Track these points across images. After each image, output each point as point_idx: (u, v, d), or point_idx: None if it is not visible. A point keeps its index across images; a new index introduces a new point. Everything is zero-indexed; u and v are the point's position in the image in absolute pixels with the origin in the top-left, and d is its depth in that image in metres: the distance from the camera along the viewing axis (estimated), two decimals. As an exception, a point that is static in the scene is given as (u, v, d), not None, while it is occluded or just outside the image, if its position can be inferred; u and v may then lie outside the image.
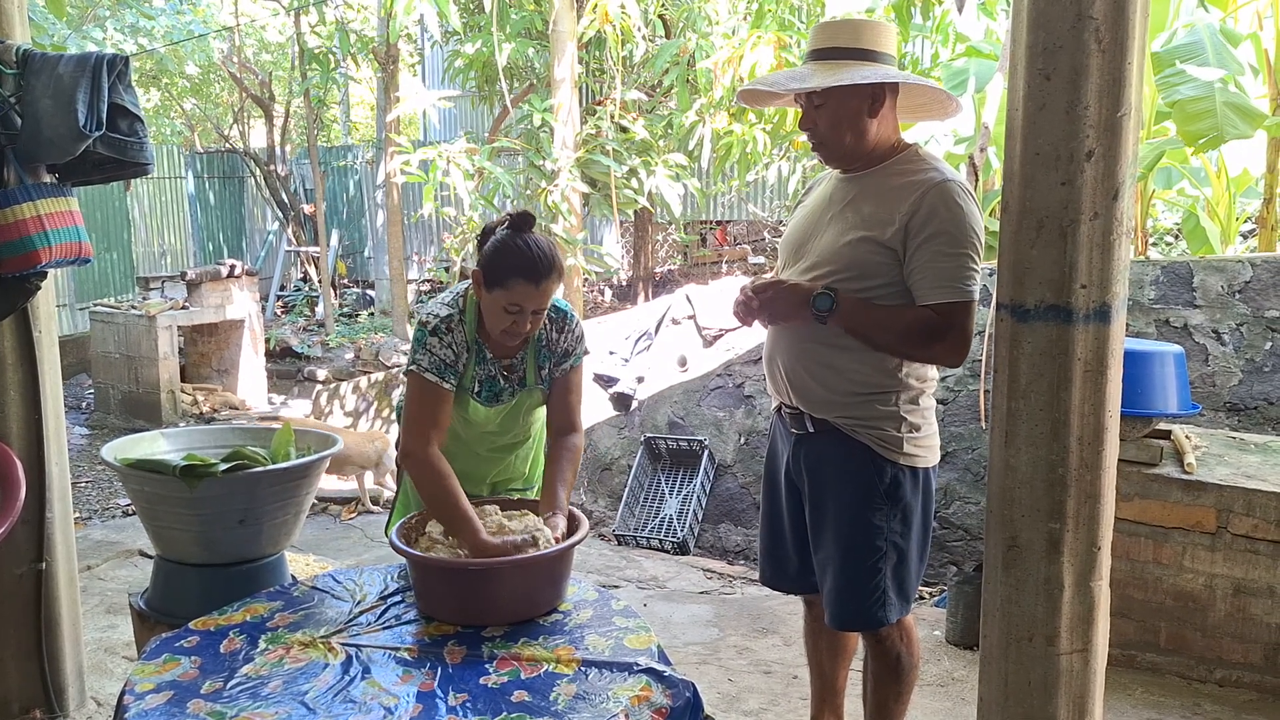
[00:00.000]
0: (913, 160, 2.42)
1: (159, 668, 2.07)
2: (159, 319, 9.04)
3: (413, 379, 2.43)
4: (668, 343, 6.57)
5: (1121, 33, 1.67)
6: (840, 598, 2.51)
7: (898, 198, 2.35)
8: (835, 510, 2.49)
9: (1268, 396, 4.56)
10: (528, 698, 1.94)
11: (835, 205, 2.48)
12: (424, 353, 2.41)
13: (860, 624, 2.54)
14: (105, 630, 3.97)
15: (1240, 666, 3.40)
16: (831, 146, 2.44)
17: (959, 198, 2.31)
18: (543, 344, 2.54)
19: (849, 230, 2.41)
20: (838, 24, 2.52)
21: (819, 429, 2.49)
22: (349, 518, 6.27)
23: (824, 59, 2.39)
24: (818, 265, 2.45)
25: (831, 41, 2.40)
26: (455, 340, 2.44)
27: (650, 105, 9.14)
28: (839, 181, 2.52)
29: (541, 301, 2.36)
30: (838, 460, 2.48)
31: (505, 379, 2.53)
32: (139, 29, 11.95)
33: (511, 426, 2.61)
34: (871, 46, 2.38)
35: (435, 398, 2.41)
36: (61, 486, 3.10)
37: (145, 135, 2.80)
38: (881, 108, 2.39)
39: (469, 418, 2.54)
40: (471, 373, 2.49)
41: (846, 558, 2.48)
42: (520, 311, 2.35)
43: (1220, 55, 5.24)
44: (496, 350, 2.51)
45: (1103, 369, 1.76)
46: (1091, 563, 1.82)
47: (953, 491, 4.99)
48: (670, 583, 4.74)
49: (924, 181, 2.34)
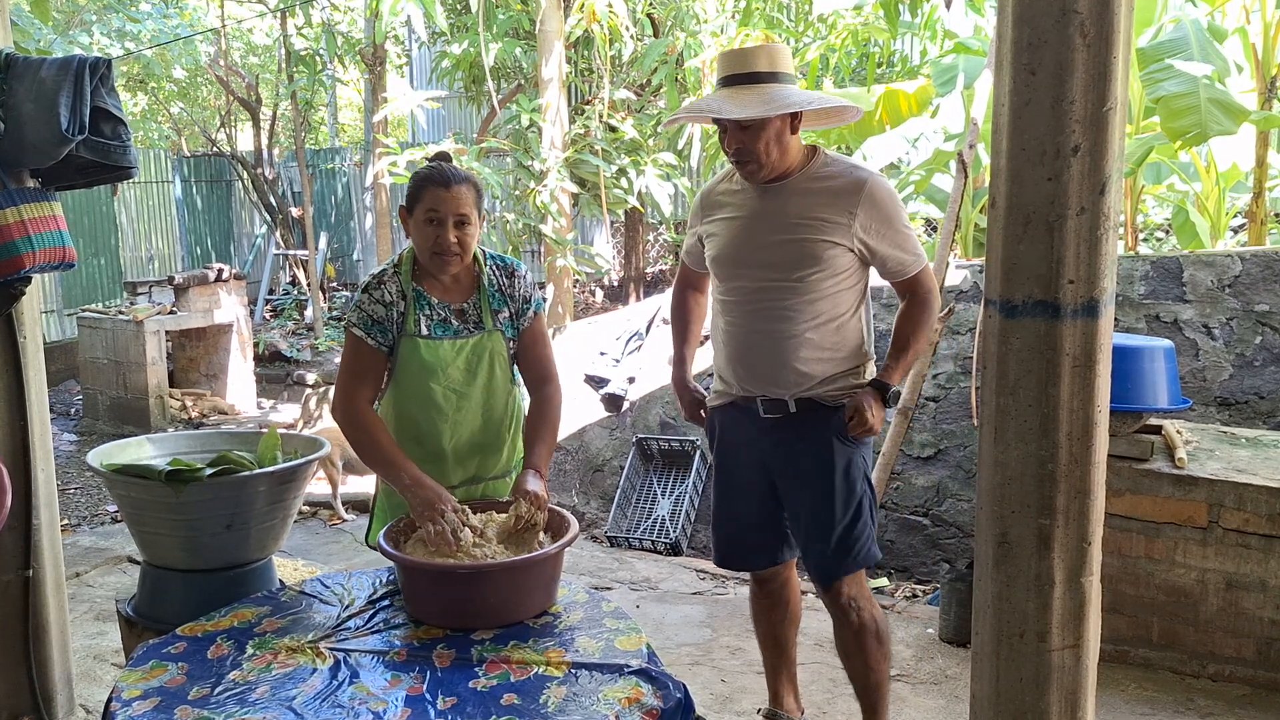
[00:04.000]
0: (831, 163, 2.70)
1: (146, 674, 2.06)
2: (146, 324, 8.99)
3: (346, 336, 2.56)
4: (659, 343, 6.55)
5: (1106, 27, 1.66)
6: (838, 549, 2.74)
7: (842, 199, 2.63)
8: (822, 472, 2.73)
9: (1258, 390, 4.57)
10: (517, 701, 1.93)
11: (769, 216, 2.70)
12: (355, 309, 2.53)
13: (855, 566, 2.76)
14: (94, 637, 3.95)
15: (1233, 661, 3.41)
16: (760, 164, 2.64)
17: (888, 186, 2.68)
18: (495, 289, 2.60)
19: (799, 236, 2.65)
20: (752, 51, 2.71)
21: (800, 408, 2.73)
22: (337, 522, 6.23)
23: (742, 84, 2.62)
24: (777, 272, 2.67)
25: (749, 67, 2.63)
26: (387, 291, 2.52)
27: (639, 104, 9.13)
28: (761, 194, 2.73)
29: (456, 207, 2.45)
30: (819, 428, 2.73)
31: (459, 321, 2.57)
32: (125, 33, 11.90)
33: (477, 373, 2.58)
34: (783, 69, 2.65)
35: (359, 352, 2.52)
36: (48, 493, 3.08)
37: (128, 138, 2.78)
38: (799, 123, 2.65)
39: (425, 361, 2.52)
40: (413, 317, 2.52)
41: (842, 509, 2.73)
42: (440, 222, 2.44)
43: (1205, 51, 5.25)
44: (444, 295, 2.56)
45: (1091, 364, 1.76)
46: (1082, 558, 1.81)
47: (945, 488, 4.99)
48: (663, 584, 4.72)
49: (860, 182, 2.63)
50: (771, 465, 2.82)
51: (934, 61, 6.96)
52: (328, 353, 11.35)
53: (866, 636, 2.80)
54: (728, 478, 2.96)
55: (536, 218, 8.01)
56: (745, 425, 2.83)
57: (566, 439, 6.35)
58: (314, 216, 13.43)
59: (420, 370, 2.53)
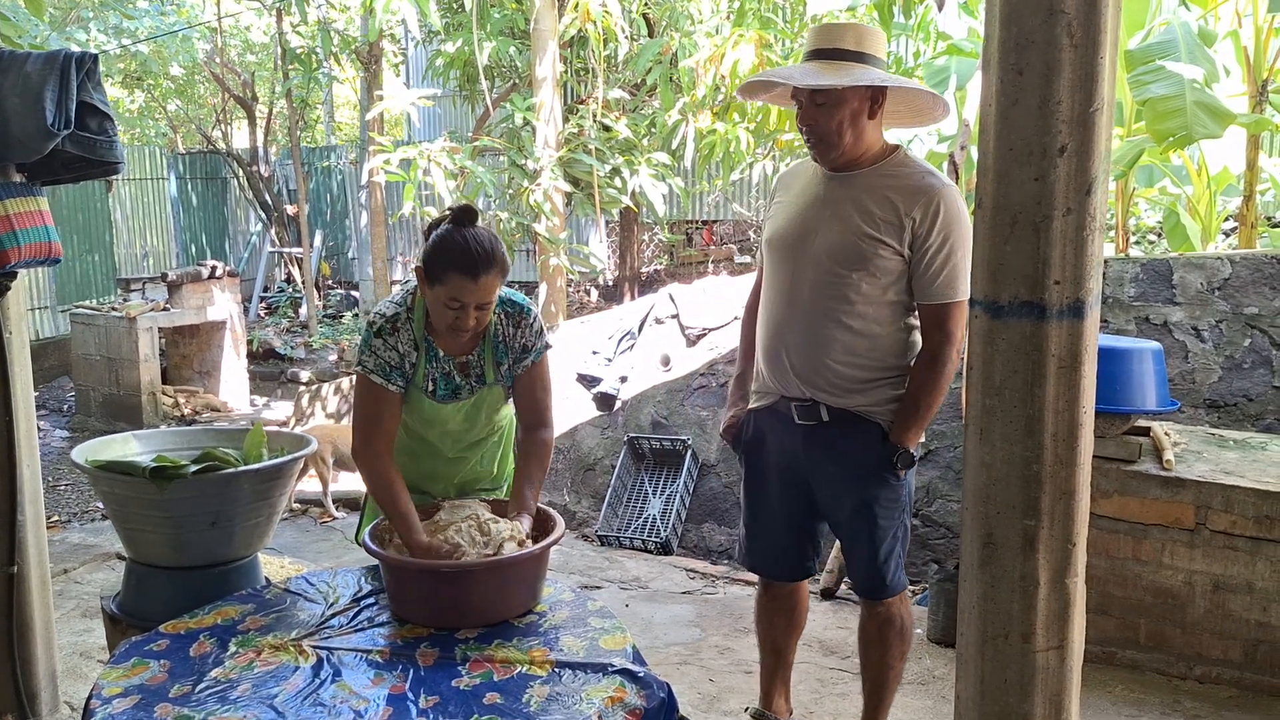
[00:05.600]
0: (906, 163, 2.57)
1: (127, 671, 2.05)
2: (139, 321, 8.96)
3: (359, 380, 2.45)
4: (651, 342, 6.54)
5: (1094, 27, 1.66)
6: (880, 569, 2.71)
7: (901, 200, 2.50)
8: (858, 490, 2.66)
9: (1246, 393, 4.57)
10: (500, 700, 1.92)
11: (831, 204, 2.58)
12: (369, 354, 2.42)
13: (894, 589, 2.74)
14: (81, 634, 3.94)
15: (1219, 663, 3.41)
16: (831, 144, 2.53)
17: (960, 203, 2.52)
18: (499, 340, 2.50)
19: (854, 229, 2.54)
20: (841, 27, 2.60)
21: (834, 417, 2.63)
22: (328, 520, 6.22)
23: (826, 59, 2.51)
24: (823, 263, 2.57)
25: (835, 43, 2.53)
26: (401, 340, 2.42)
27: (633, 104, 9.12)
28: (828, 180, 2.61)
29: (482, 296, 2.32)
30: (854, 443, 2.64)
31: (462, 376, 2.50)
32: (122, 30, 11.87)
33: (475, 423, 2.58)
34: (871, 51, 2.53)
35: (378, 399, 2.43)
36: (33, 489, 3.07)
37: (115, 134, 2.76)
38: (880, 110, 2.52)
39: (428, 417, 2.52)
40: (423, 371, 2.46)
41: (878, 532, 2.68)
42: (461, 307, 2.31)
43: (1194, 54, 5.25)
44: (449, 348, 2.47)
45: (1077, 365, 1.75)
46: (1067, 559, 1.81)
47: (935, 489, 4.99)
48: (653, 583, 4.72)
49: (927, 187, 2.50)
50: (809, 476, 2.73)
51: (927, 63, 6.95)
52: (322, 350, 11.33)
53: (890, 630, 2.78)
54: (759, 482, 2.86)
55: (530, 216, 7.99)
56: (781, 430, 2.74)
57: (558, 438, 6.33)
58: (309, 214, 13.41)
59: (422, 422, 2.55)
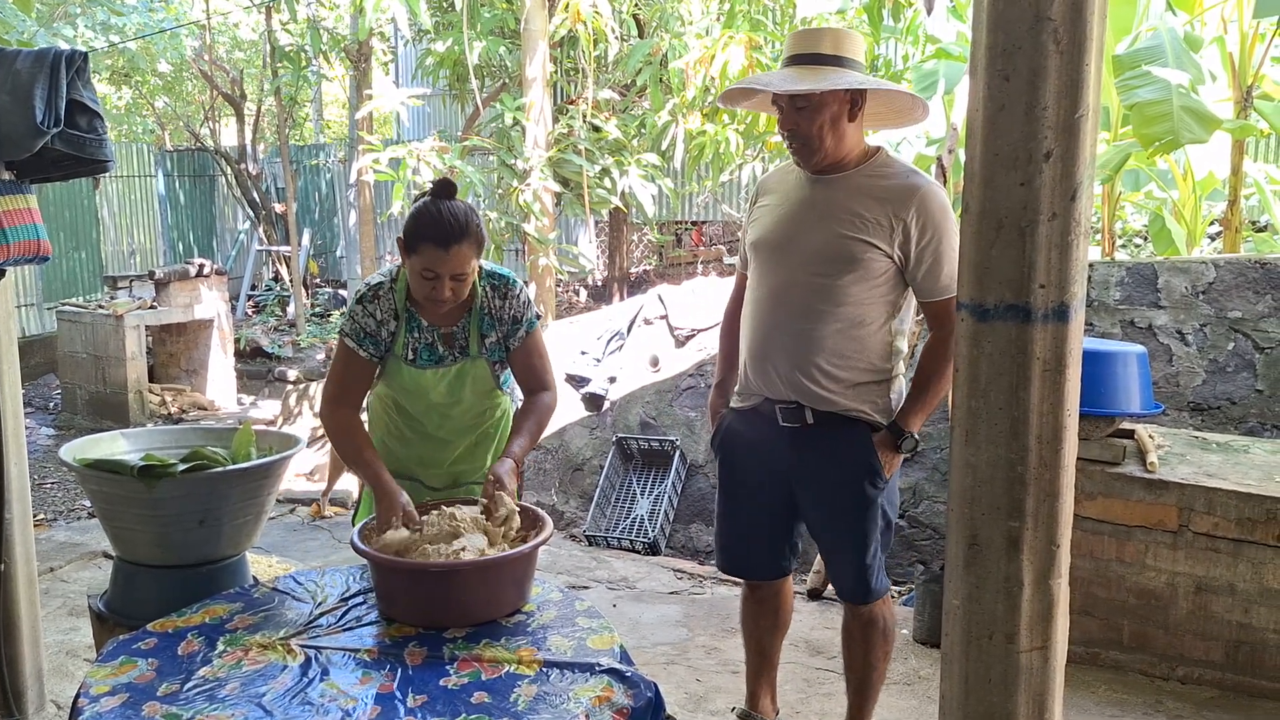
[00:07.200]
0: (889, 164, 2.60)
1: (115, 670, 2.05)
2: (126, 319, 8.93)
3: (338, 343, 2.56)
4: (640, 343, 6.55)
5: (1080, 34, 1.67)
6: (863, 574, 2.72)
7: (891, 203, 2.53)
8: (842, 493, 2.68)
9: (1230, 396, 4.61)
10: (488, 699, 1.93)
11: (817, 207, 2.60)
12: (348, 318, 2.52)
13: (879, 592, 2.76)
14: (67, 633, 3.92)
15: (1202, 664, 3.44)
16: (813, 148, 2.56)
17: (944, 198, 2.55)
18: (485, 312, 2.55)
19: (839, 230, 2.55)
20: (818, 32, 2.62)
21: (819, 420, 2.64)
22: (320, 514, 6.20)
23: (805, 64, 2.53)
24: (811, 266, 2.58)
25: (813, 48, 2.55)
26: (381, 307, 2.50)
27: (623, 105, 9.13)
28: (812, 184, 2.63)
29: (455, 267, 2.37)
30: (838, 446, 2.66)
31: (445, 347, 2.55)
32: (110, 26, 11.82)
33: (458, 397, 2.59)
34: (848, 54, 2.55)
35: (347, 361, 2.53)
36: (20, 487, 3.06)
37: (105, 132, 2.76)
38: (860, 112, 2.54)
39: (408, 386, 2.56)
40: (403, 339, 2.52)
41: (861, 537, 2.69)
42: (436, 277, 2.38)
43: (1180, 59, 5.28)
44: (432, 317, 2.53)
45: (1061, 368, 1.77)
46: (1051, 561, 1.83)
47: (921, 491, 5.01)
48: (640, 583, 4.73)
49: (914, 187, 2.53)
50: (792, 478, 2.74)
51: (915, 67, 6.98)
52: (309, 349, 11.29)
53: (874, 631, 2.80)
54: (737, 482, 2.87)
55: (519, 216, 7.99)
56: (763, 431, 2.74)
57: (547, 438, 6.34)
58: (297, 212, 13.36)
59: (403, 390, 2.59)
